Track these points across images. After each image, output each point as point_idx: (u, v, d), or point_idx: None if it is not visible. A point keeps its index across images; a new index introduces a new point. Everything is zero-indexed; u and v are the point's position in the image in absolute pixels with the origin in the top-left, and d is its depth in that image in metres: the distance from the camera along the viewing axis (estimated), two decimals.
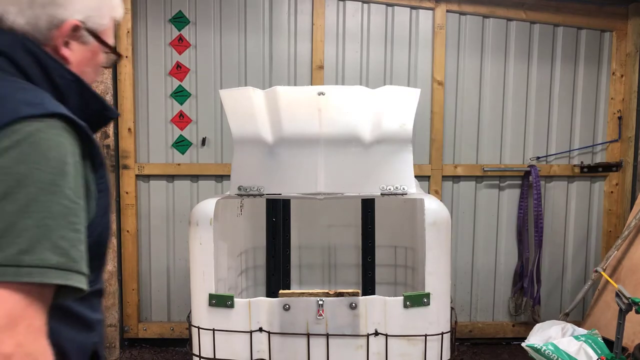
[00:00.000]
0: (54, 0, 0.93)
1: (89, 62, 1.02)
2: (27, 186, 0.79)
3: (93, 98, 1.01)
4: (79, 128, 0.88)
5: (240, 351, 2.24)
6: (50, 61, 0.94)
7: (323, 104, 2.48)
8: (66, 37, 0.97)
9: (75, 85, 0.98)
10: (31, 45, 0.92)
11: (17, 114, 0.82)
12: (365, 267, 2.81)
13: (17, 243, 0.77)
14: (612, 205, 3.90)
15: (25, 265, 0.76)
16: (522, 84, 3.79)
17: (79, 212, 0.85)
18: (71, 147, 0.86)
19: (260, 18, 3.63)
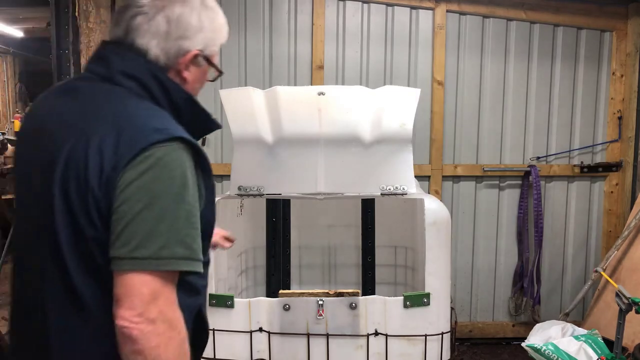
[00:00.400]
0: (183, 35, 1.18)
1: (200, 80, 1.29)
2: (160, 199, 1.06)
3: (202, 112, 1.27)
4: (194, 146, 1.13)
5: (240, 351, 2.24)
6: (170, 84, 1.19)
7: (323, 104, 2.48)
8: (188, 62, 1.21)
9: (188, 103, 1.22)
10: (157, 72, 1.17)
11: (149, 141, 1.06)
12: (365, 267, 2.81)
13: (156, 242, 1.05)
14: (612, 205, 3.90)
15: (163, 258, 1.05)
16: (522, 84, 3.79)
17: (196, 213, 1.12)
18: (189, 163, 1.11)
19: (260, 18, 3.63)
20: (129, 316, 1.03)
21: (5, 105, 8.84)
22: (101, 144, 1.06)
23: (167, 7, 1.17)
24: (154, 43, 1.17)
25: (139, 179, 1.05)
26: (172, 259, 1.06)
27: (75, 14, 3.41)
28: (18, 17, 6.15)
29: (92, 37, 3.42)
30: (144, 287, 1.04)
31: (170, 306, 1.07)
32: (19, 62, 9.06)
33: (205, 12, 1.23)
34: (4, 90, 8.82)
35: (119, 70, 1.16)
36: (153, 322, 1.03)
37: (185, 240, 1.08)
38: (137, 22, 1.16)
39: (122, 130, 1.07)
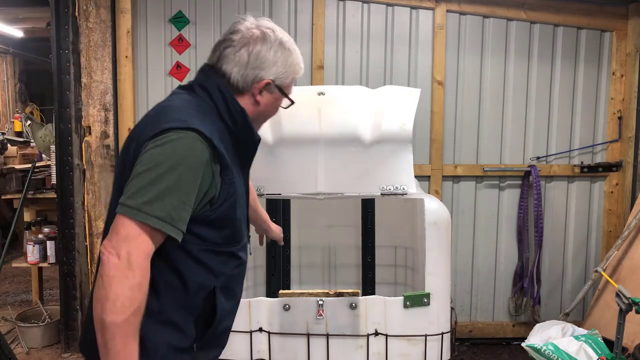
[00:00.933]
0: (259, 66, 1.47)
1: (272, 105, 1.55)
2: (159, 167, 1.29)
3: (248, 125, 1.49)
4: (208, 140, 1.34)
5: (240, 351, 2.24)
6: (230, 98, 1.46)
7: (323, 104, 2.48)
8: (261, 88, 1.49)
9: (241, 115, 1.47)
10: (223, 88, 1.46)
11: (169, 126, 1.33)
12: (365, 267, 2.81)
13: (142, 197, 1.27)
14: (612, 205, 3.90)
15: (142, 211, 1.26)
16: (522, 84, 3.79)
17: (189, 191, 1.31)
18: (200, 150, 1.33)
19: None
20: (106, 244, 1.27)
21: (5, 105, 8.84)
22: (141, 132, 1.38)
23: (250, 43, 1.47)
24: (236, 70, 1.46)
25: (152, 150, 1.31)
26: (148, 215, 1.26)
27: (75, 14, 3.41)
28: (18, 17, 6.14)
29: (92, 37, 3.42)
30: (122, 228, 1.27)
31: (138, 252, 1.26)
32: (19, 62, 9.06)
33: (281, 51, 1.50)
34: (4, 90, 8.82)
35: (198, 83, 1.49)
36: (118, 257, 1.24)
37: (166, 206, 1.27)
38: (226, 52, 1.48)
39: (160, 118, 1.38)
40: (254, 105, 1.50)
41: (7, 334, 3.90)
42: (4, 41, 7.68)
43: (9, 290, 5.16)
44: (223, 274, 1.47)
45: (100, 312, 1.23)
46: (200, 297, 1.44)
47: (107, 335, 1.23)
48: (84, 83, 3.45)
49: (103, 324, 1.23)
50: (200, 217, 1.37)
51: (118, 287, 1.22)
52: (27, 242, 4.02)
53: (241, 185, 1.50)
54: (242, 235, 1.54)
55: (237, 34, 1.50)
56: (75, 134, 3.49)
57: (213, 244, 1.42)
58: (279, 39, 1.50)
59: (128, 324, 1.23)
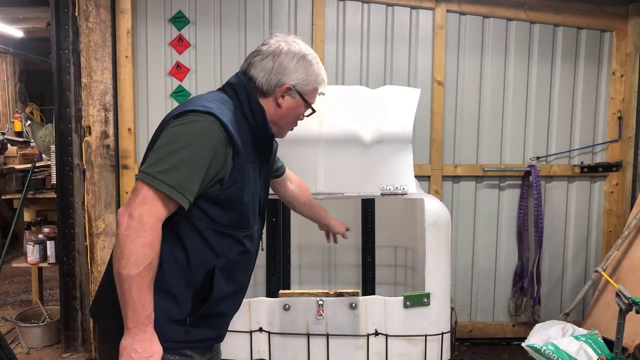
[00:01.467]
0: (282, 72, 1.65)
1: (293, 110, 1.71)
2: (176, 142, 1.45)
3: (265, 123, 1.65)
4: (224, 124, 1.49)
5: (240, 351, 2.25)
6: (253, 97, 1.64)
7: (323, 104, 2.48)
8: (283, 92, 1.67)
9: (260, 112, 1.64)
10: (247, 88, 1.65)
11: (192, 107, 1.50)
12: (365, 267, 2.81)
13: (159, 167, 1.42)
14: (612, 205, 3.90)
15: (157, 178, 1.41)
16: (522, 84, 3.79)
17: (201, 166, 1.45)
18: (215, 132, 1.48)
19: (260, 18, 3.62)
20: (123, 207, 1.41)
21: (5, 105, 8.84)
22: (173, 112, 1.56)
23: (276, 54, 1.66)
24: (262, 75, 1.65)
25: (172, 127, 1.48)
26: (162, 182, 1.40)
27: (75, 14, 3.41)
28: (18, 17, 6.14)
29: (92, 37, 3.42)
30: (140, 192, 1.41)
31: (150, 215, 1.39)
32: (19, 62, 9.06)
33: (303, 62, 1.67)
34: (4, 90, 8.82)
35: (228, 83, 1.70)
36: (132, 218, 1.38)
37: (178, 176, 1.41)
38: (255, 60, 1.68)
39: (187, 103, 1.57)
40: (275, 108, 1.68)
41: (7, 334, 3.90)
42: (4, 41, 7.68)
43: (9, 290, 5.16)
44: (225, 255, 1.58)
45: (118, 267, 1.38)
46: (201, 274, 1.55)
47: (124, 287, 1.38)
48: (84, 83, 3.44)
49: (120, 277, 1.38)
50: (210, 195, 1.51)
51: (132, 245, 1.37)
52: (27, 242, 4.02)
53: (254, 176, 1.63)
54: (249, 223, 1.64)
55: (266, 45, 1.69)
56: (75, 134, 3.49)
57: (218, 224, 1.54)
58: (302, 52, 1.68)
59: (142, 277, 1.38)
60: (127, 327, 1.41)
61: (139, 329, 1.41)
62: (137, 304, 1.39)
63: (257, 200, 1.70)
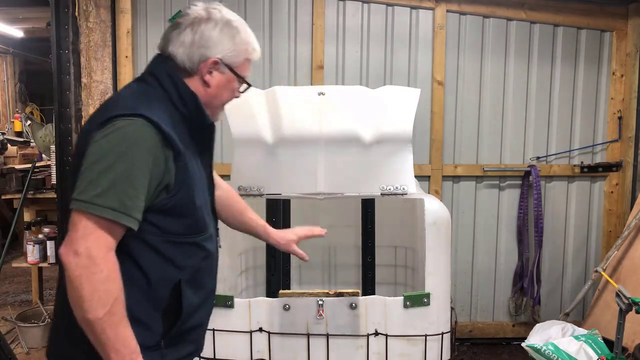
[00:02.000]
0: (204, 45, 1.43)
1: (224, 87, 1.50)
2: (107, 156, 1.26)
3: (199, 109, 1.46)
4: (156, 124, 1.31)
5: (240, 351, 2.24)
6: (180, 82, 1.44)
7: (323, 104, 2.48)
8: (209, 67, 1.45)
9: (193, 100, 1.44)
10: (171, 72, 1.44)
11: (116, 113, 1.30)
12: (365, 267, 2.81)
13: (94, 190, 1.24)
14: (612, 205, 3.90)
15: (96, 204, 1.23)
16: (522, 84, 3.79)
17: (141, 178, 1.27)
18: (149, 135, 1.30)
19: (260, 18, 3.62)
20: (64, 245, 1.25)
21: (5, 105, 8.83)
22: (96, 116, 1.38)
23: (195, 23, 1.45)
24: (181, 50, 1.44)
25: (99, 140, 1.28)
26: (103, 207, 1.24)
27: (75, 14, 3.41)
28: (18, 17, 6.14)
29: (92, 37, 3.42)
30: (79, 224, 1.24)
31: (98, 247, 1.24)
32: (19, 62, 9.05)
33: (228, 29, 1.47)
34: (4, 90, 8.82)
35: (147, 71, 1.48)
36: (78, 255, 1.22)
37: (120, 195, 1.25)
38: (172, 35, 1.46)
39: (108, 107, 1.37)
40: (204, 87, 1.46)
41: (7, 334, 3.90)
42: (4, 41, 7.68)
43: (9, 290, 5.16)
44: (188, 266, 1.43)
45: (81, 313, 1.23)
46: (165, 291, 1.40)
47: (97, 332, 1.24)
48: (84, 83, 3.44)
49: (88, 322, 1.23)
50: (158, 206, 1.34)
51: (89, 285, 1.22)
52: (27, 242, 4.02)
53: (199, 173, 1.46)
54: (206, 224, 1.48)
55: (184, 17, 1.47)
56: (76, 134, 3.49)
57: (174, 234, 1.38)
58: (225, 18, 1.47)
59: (112, 314, 1.24)
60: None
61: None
62: (117, 343, 1.25)
63: (208, 197, 1.54)
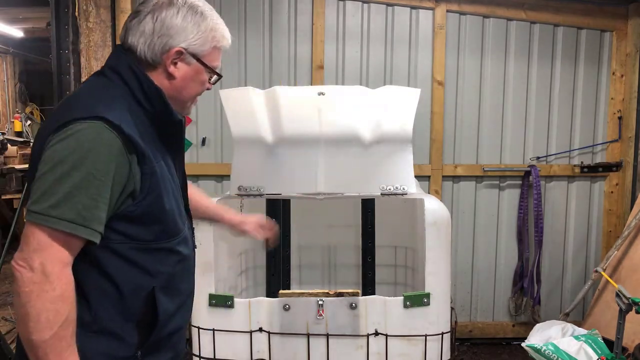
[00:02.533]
0: (165, 33, 1.32)
1: (192, 79, 1.38)
2: (62, 164, 1.16)
3: (166, 105, 1.35)
4: (117, 127, 1.21)
5: (240, 351, 2.24)
6: (143, 77, 1.32)
7: (323, 104, 2.48)
8: (173, 58, 1.33)
9: (157, 94, 1.33)
10: (134, 66, 1.32)
11: (73, 116, 1.20)
12: (365, 267, 2.81)
13: (49, 201, 1.15)
14: (612, 205, 3.90)
15: (51, 215, 1.15)
16: (522, 84, 3.79)
17: (100, 187, 1.18)
18: (109, 139, 1.20)
19: (260, 18, 3.62)
20: (17, 257, 1.16)
21: (5, 105, 8.84)
22: (50, 122, 1.25)
23: (155, 10, 1.32)
24: (142, 40, 1.32)
25: (54, 146, 1.19)
26: (58, 219, 1.15)
27: (75, 14, 3.41)
28: (18, 17, 6.15)
29: (92, 37, 3.42)
30: (32, 237, 1.16)
31: (53, 262, 1.15)
32: (19, 62, 9.06)
33: (192, 16, 1.34)
34: (4, 90, 8.82)
35: (108, 65, 1.36)
36: (32, 270, 1.14)
37: (77, 206, 1.16)
38: (132, 24, 1.34)
39: (64, 108, 1.26)
40: (169, 80, 1.35)
41: (7, 334, 3.89)
42: (4, 41, 7.68)
43: (9, 290, 5.15)
44: (160, 272, 1.35)
45: (25, 332, 1.15)
46: (139, 300, 1.32)
47: (39, 354, 1.16)
48: None
49: (32, 343, 1.15)
50: (123, 213, 1.25)
51: (37, 303, 1.13)
52: None
53: (167, 174, 1.36)
54: (178, 228, 1.39)
55: (145, 4, 1.35)
56: None
57: (142, 241, 1.30)
58: (188, 3, 1.34)
59: (59, 339, 1.15)
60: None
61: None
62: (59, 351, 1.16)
63: (180, 198, 1.44)
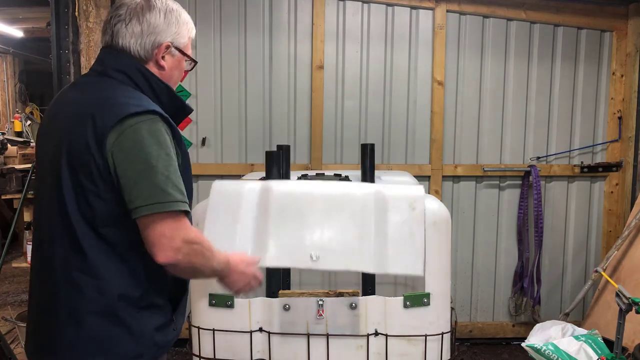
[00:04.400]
0: (153, 32, 1.51)
1: (176, 67, 1.59)
2: (151, 157, 1.36)
3: (177, 98, 1.59)
4: (166, 119, 1.44)
5: (240, 351, 2.24)
6: (151, 76, 1.52)
7: (319, 250, 2.27)
8: (162, 53, 1.53)
9: (166, 90, 1.55)
10: (141, 67, 1.51)
11: (129, 111, 1.37)
12: None
13: (161, 192, 1.35)
14: (612, 205, 3.90)
15: (168, 202, 1.35)
16: (522, 84, 3.79)
17: (175, 165, 1.41)
18: (163, 129, 1.41)
19: (260, 18, 3.63)
20: (166, 253, 1.35)
21: (5, 105, 8.83)
22: (94, 119, 1.38)
23: (139, 13, 1.50)
24: (133, 41, 1.50)
25: (131, 145, 1.36)
26: (174, 202, 1.36)
27: (75, 14, 3.41)
28: (18, 17, 6.15)
29: (92, 37, 3.42)
30: (164, 226, 1.35)
31: (186, 231, 1.38)
32: (19, 62, 9.05)
33: (170, 14, 1.54)
34: (4, 90, 8.81)
35: (112, 67, 1.50)
36: (180, 250, 1.36)
37: (178, 186, 1.39)
38: (118, 28, 1.50)
39: (108, 108, 1.40)
40: (159, 71, 1.55)
41: (7, 334, 3.90)
42: (4, 41, 7.68)
43: (9, 290, 5.16)
44: None
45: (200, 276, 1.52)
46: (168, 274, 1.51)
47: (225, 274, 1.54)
48: None
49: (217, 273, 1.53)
50: None
51: (199, 259, 1.42)
52: (27, 242, 4.02)
53: None
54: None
55: (123, 8, 1.51)
56: None
57: None
58: (164, 4, 1.54)
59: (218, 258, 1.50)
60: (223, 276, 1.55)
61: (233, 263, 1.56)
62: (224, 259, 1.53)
63: None
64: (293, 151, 3.65)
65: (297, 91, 3.68)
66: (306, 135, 3.70)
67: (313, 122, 3.68)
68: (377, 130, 3.73)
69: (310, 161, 3.71)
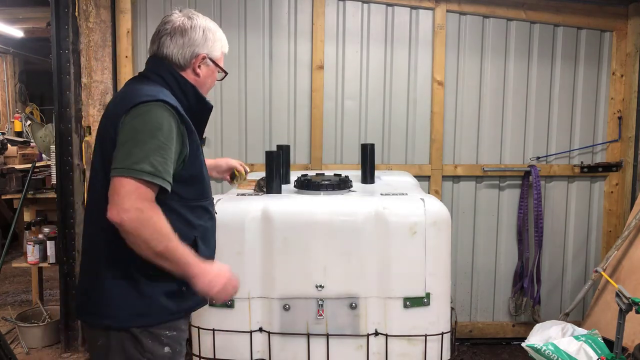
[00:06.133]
0: (193, 44, 1.78)
1: (210, 76, 1.86)
2: (140, 133, 1.56)
3: (201, 97, 1.81)
4: (174, 107, 1.63)
5: (240, 351, 2.25)
6: (180, 77, 1.77)
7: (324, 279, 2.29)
8: (199, 62, 1.80)
9: (192, 91, 1.79)
10: (173, 71, 1.77)
11: (141, 99, 1.60)
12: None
13: (132, 159, 1.53)
14: (612, 205, 3.90)
15: (134, 169, 1.52)
16: (522, 84, 3.79)
17: (167, 149, 1.58)
18: (170, 118, 1.60)
19: (260, 18, 3.63)
20: (110, 210, 1.50)
21: (5, 105, 8.83)
22: (119, 105, 1.65)
23: (183, 30, 1.78)
24: (175, 51, 1.77)
25: (131, 122, 1.58)
26: (140, 171, 1.51)
27: (75, 14, 3.41)
28: (18, 17, 6.14)
29: (92, 37, 3.42)
30: (120, 187, 1.51)
31: (142, 200, 1.51)
32: (19, 62, 9.04)
33: (207, 31, 1.83)
34: (4, 90, 8.81)
35: (150, 70, 1.79)
36: (126, 211, 1.49)
37: (152, 162, 1.53)
38: (164, 40, 1.78)
39: (130, 97, 1.64)
40: (195, 77, 1.81)
41: (7, 334, 3.90)
42: (4, 41, 7.67)
43: (9, 290, 5.16)
44: (200, 225, 1.75)
45: (151, 251, 1.53)
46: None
47: (169, 258, 1.56)
48: (84, 83, 3.45)
49: (161, 255, 1.54)
50: (177, 175, 1.64)
51: (147, 230, 1.50)
52: (27, 242, 4.02)
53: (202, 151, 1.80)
54: (209, 191, 1.82)
55: (169, 24, 1.78)
56: (75, 134, 3.49)
57: (188, 199, 1.71)
58: (204, 23, 1.83)
59: (173, 240, 1.55)
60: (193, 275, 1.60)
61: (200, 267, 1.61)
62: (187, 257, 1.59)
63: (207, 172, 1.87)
64: (293, 151, 3.65)
65: (297, 91, 3.68)
66: (306, 135, 3.70)
67: (313, 122, 3.68)
68: (377, 130, 3.73)
69: (310, 161, 3.71)
